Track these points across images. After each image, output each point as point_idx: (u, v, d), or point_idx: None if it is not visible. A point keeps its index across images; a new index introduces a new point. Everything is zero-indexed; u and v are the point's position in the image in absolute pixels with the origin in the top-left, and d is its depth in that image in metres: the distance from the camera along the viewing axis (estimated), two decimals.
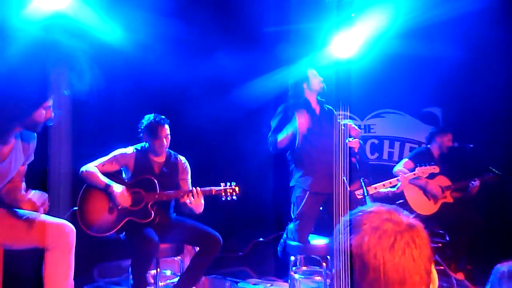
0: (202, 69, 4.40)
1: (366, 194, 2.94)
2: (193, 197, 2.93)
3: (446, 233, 3.91)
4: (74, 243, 2.31)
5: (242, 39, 4.55)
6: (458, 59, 4.24)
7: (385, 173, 4.21)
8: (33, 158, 2.37)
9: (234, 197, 3.05)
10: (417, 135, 4.90)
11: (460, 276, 3.77)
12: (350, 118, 4.94)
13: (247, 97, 4.43)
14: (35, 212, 2.30)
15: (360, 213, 0.97)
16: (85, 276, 3.73)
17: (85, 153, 3.18)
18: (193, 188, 2.99)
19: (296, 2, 4.40)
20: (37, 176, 2.64)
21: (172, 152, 3.27)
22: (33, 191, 2.30)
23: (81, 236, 2.73)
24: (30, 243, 2.24)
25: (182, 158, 3.28)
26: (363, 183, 3.02)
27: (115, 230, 2.90)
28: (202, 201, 2.99)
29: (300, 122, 3.10)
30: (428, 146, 4.24)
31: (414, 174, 3.73)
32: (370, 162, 4.53)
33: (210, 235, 2.97)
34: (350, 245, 0.94)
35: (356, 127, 3.71)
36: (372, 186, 3.53)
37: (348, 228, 0.97)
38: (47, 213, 2.37)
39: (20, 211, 2.28)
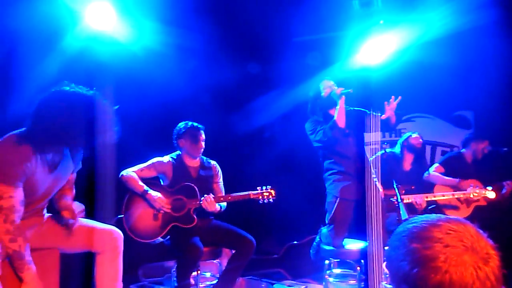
0: (233, 78, 4.58)
1: (399, 201, 2.94)
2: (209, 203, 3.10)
3: None
4: (122, 248, 2.47)
5: (272, 50, 4.70)
6: (489, 62, 4.23)
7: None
8: (81, 166, 2.50)
9: (271, 200, 3.19)
10: (448, 138, 4.90)
11: None
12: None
13: (279, 104, 4.58)
14: (86, 219, 2.52)
15: (425, 224, 0.94)
16: (131, 276, 3.97)
17: (127, 161, 3.41)
18: (205, 196, 3.15)
19: (325, 10, 4.49)
20: (81, 183, 2.79)
21: (204, 157, 3.44)
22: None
23: (127, 239, 2.96)
24: (82, 247, 2.41)
25: (214, 163, 3.47)
26: (396, 189, 3.03)
27: (161, 236, 3.09)
28: (217, 205, 3.17)
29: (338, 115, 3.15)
30: (462, 150, 4.21)
31: (464, 194, 3.70)
32: None
33: (245, 238, 3.13)
34: (415, 253, 0.90)
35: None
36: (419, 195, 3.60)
37: (410, 237, 0.93)
38: (94, 219, 2.59)
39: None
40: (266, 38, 4.62)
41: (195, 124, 3.32)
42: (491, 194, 3.67)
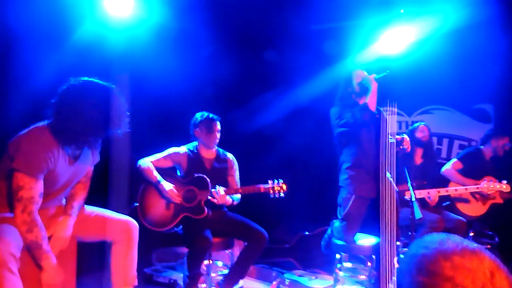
0: (251, 66, 4.55)
1: (414, 199, 2.88)
2: (219, 196, 3.12)
3: (496, 235, 3.88)
4: (137, 238, 2.53)
5: (291, 38, 4.64)
6: (510, 55, 4.11)
7: (433, 170, 4.20)
8: (99, 159, 2.55)
9: (282, 195, 3.19)
10: (467, 132, 4.80)
11: None
12: (398, 114, 4.94)
13: (296, 95, 4.55)
14: (103, 209, 2.57)
15: (437, 252, 0.87)
16: (145, 260, 4.07)
17: (139, 150, 3.45)
18: (215, 188, 3.16)
19: None
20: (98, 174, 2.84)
21: (221, 149, 3.47)
22: None
23: (141, 225, 3.02)
24: (99, 236, 2.47)
25: (230, 155, 3.48)
26: (411, 187, 2.97)
27: (172, 225, 3.15)
28: (228, 198, 3.20)
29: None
30: (481, 147, 4.12)
31: (478, 188, 3.63)
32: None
33: (257, 231, 3.15)
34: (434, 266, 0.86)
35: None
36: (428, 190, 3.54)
37: (419, 268, 0.87)
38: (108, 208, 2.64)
39: (90, 208, 2.54)
40: (282, 27, 4.56)
41: (211, 115, 3.34)
42: (506, 188, 3.60)
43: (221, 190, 3.15)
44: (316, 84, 4.37)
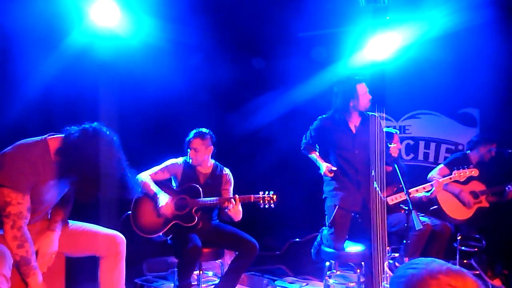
0: (243, 71, 4.56)
1: (411, 209, 2.84)
2: (232, 205, 3.12)
3: (483, 238, 3.93)
4: (125, 251, 2.52)
5: (282, 43, 4.66)
6: (495, 60, 4.18)
7: (421, 174, 4.26)
8: None
9: (272, 205, 3.21)
10: (453, 136, 4.85)
11: (497, 282, 3.76)
12: (386, 119, 4.99)
13: (287, 100, 4.58)
14: (89, 224, 2.55)
15: (424, 273, 0.94)
16: (136, 270, 4.06)
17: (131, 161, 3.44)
18: (234, 195, 3.20)
19: (331, 6, 4.44)
20: None
21: (219, 164, 3.50)
22: None
23: (132, 235, 3.02)
24: (86, 251, 2.47)
25: (227, 171, 3.49)
26: (407, 196, 2.96)
27: (162, 232, 3.17)
28: (240, 209, 3.20)
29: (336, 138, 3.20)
30: (467, 152, 4.16)
31: (451, 178, 3.66)
32: (404, 163, 4.50)
33: (248, 241, 3.17)
34: None
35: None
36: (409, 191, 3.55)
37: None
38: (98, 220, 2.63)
39: (77, 223, 2.53)
40: (269, 34, 4.58)
41: (192, 133, 3.36)
42: (475, 172, 3.63)
43: (237, 206, 3.16)
44: (308, 89, 4.40)
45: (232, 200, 3.14)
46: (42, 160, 2.12)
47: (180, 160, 3.41)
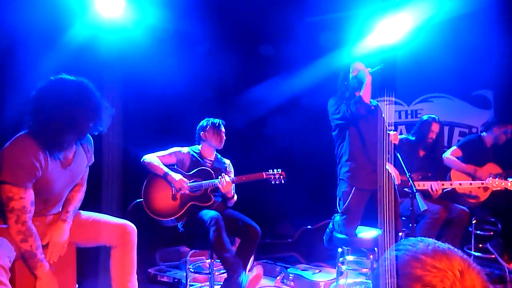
0: (246, 59, 4.52)
1: (415, 191, 2.83)
2: (225, 183, 3.17)
3: (498, 221, 3.85)
4: (136, 241, 2.51)
5: (286, 30, 4.60)
6: (509, 41, 4.06)
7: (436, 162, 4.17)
8: (93, 160, 2.52)
9: (283, 181, 3.24)
10: (466, 119, 4.76)
11: None
12: (396, 103, 4.90)
13: (294, 88, 4.52)
14: (100, 214, 2.55)
15: (408, 255, 0.90)
16: (149, 260, 4.10)
17: (135, 153, 3.47)
18: (222, 175, 3.25)
19: None
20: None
21: (219, 155, 3.58)
22: None
23: (145, 224, 3.02)
24: (97, 241, 2.46)
25: (227, 161, 3.60)
26: (410, 179, 2.92)
27: (180, 214, 3.17)
28: (233, 186, 3.28)
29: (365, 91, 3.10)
30: (482, 134, 4.06)
31: (482, 183, 3.58)
32: None
33: (250, 226, 3.15)
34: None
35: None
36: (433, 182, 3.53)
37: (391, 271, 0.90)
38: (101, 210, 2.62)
39: (87, 213, 2.53)
40: (277, 20, 4.52)
41: (216, 119, 3.48)
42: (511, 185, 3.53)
43: (226, 177, 3.21)
44: (314, 76, 4.34)
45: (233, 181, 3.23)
46: (41, 149, 2.10)
47: (185, 149, 3.46)
